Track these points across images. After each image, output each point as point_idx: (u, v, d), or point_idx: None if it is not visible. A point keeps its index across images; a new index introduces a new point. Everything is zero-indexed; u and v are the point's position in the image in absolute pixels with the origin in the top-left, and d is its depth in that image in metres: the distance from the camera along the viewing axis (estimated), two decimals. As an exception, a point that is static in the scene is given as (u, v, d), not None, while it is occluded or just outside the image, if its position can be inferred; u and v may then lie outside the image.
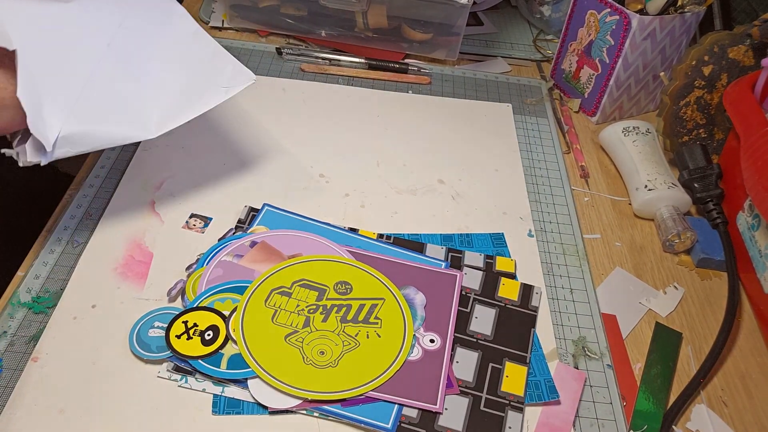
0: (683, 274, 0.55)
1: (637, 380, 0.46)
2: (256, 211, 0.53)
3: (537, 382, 0.44)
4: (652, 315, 0.51)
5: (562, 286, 0.51)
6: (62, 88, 0.46)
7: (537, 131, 0.68)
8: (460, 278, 0.49)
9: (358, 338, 0.44)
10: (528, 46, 0.81)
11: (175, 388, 0.41)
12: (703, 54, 0.61)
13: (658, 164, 0.60)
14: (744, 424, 0.45)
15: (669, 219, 0.56)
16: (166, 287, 0.46)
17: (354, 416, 0.40)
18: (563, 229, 0.57)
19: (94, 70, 0.48)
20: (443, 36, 0.74)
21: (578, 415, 0.43)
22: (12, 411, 0.39)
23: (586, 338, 0.48)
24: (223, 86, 0.52)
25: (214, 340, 0.43)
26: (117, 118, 0.47)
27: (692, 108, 0.62)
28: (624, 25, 0.63)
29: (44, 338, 0.43)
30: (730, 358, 0.49)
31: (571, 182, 0.62)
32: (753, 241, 0.52)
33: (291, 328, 0.44)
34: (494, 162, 0.63)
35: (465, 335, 0.46)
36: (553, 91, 0.74)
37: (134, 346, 0.42)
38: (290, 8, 0.73)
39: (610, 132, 0.64)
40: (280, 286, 0.46)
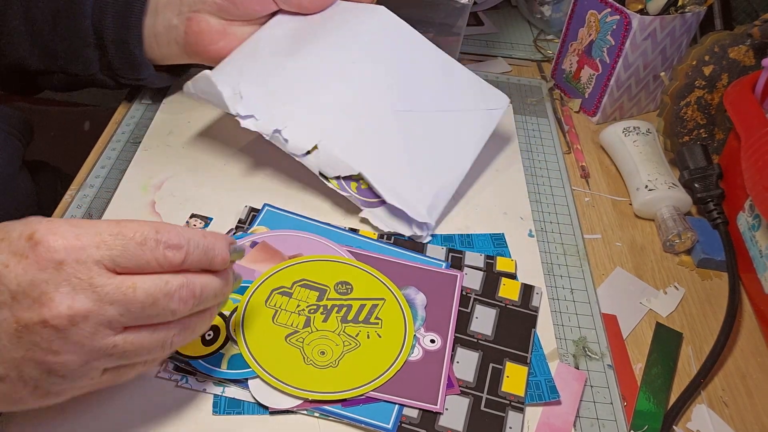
0: (684, 274, 0.55)
1: (638, 380, 0.46)
2: (257, 211, 0.53)
3: (537, 382, 0.44)
4: (653, 315, 0.51)
5: (562, 286, 0.51)
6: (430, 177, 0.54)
7: (537, 131, 0.67)
8: (461, 278, 0.49)
9: (359, 338, 0.44)
10: (528, 46, 0.81)
11: (175, 388, 0.41)
12: (704, 54, 0.61)
13: (658, 164, 0.60)
14: (745, 424, 0.45)
15: (669, 219, 0.56)
16: (166, 287, 0.46)
17: (354, 416, 0.40)
18: (564, 229, 0.57)
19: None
20: (443, 36, 0.74)
21: (579, 415, 0.43)
22: (12, 411, 0.39)
23: (586, 338, 0.48)
24: (488, 109, 0.58)
25: (215, 340, 0.42)
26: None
27: (693, 108, 0.62)
28: (624, 25, 0.63)
29: (44, 338, 0.43)
30: (730, 358, 0.49)
31: (571, 182, 0.62)
32: (753, 241, 0.52)
33: (291, 328, 0.44)
34: (494, 162, 0.62)
35: (465, 335, 0.46)
36: (553, 91, 0.74)
37: (134, 346, 0.42)
38: (290, 8, 0.73)
39: (611, 132, 0.64)
40: (280, 286, 0.46)
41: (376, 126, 0.54)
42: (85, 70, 0.56)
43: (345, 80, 0.55)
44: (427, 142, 0.55)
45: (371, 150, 0.53)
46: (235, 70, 0.53)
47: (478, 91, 0.59)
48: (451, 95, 0.58)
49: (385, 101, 0.54)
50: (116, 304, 0.30)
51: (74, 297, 0.30)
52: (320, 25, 0.57)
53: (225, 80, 0.51)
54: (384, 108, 0.49)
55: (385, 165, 0.53)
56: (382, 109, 0.49)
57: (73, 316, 0.29)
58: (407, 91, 0.56)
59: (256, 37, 0.56)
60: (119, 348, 0.31)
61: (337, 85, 0.54)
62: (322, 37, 0.56)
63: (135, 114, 0.62)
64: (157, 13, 0.54)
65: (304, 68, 0.54)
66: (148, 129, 0.60)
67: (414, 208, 0.52)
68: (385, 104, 0.53)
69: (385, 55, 0.57)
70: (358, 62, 0.55)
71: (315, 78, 0.54)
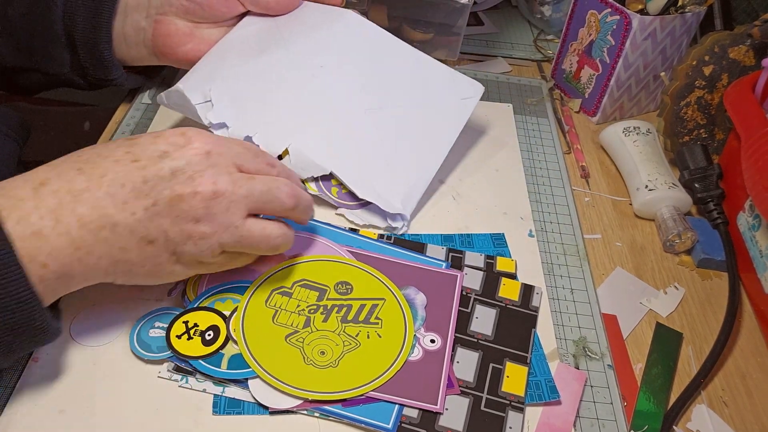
0: (684, 274, 0.55)
1: (638, 380, 0.46)
2: (257, 211, 0.53)
3: (538, 382, 0.44)
4: (653, 315, 0.51)
5: (562, 286, 0.51)
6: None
7: (537, 131, 0.67)
8: (461, 278, 0.49)
9: (359, 338, 0.44)
10: (528, 46, 0.81)
11: (176, 388, 0.41)
12: (704, 54, 0.61)
13: (658, 164, 0.60)
14: (745, 424, 0.45)
15: (669, 219, 0.56)
16: (166, 287, 0.46)
17: (354, 416, 0.40)
18: (564, 229, 0.57)
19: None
20: (444, 36, 0.74)
21: (579, 415, 0.43)
22: (13, 411, 0.39)
23: (586, 338, 0.48)
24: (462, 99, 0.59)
25: (215, 340, 0.43)
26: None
27: (693, 108, 0.62)
28: (624, 25, 0.63)
29: (45, 338, 0.43)
30: (730, 358, 0.49)
31: (571, 182, 0.62)
32: (753, 241, 0.52)
33: (291, 328, 0.44)
34: (494, 162, 0.62)
35: (465, 335, 0.46)
36: (553, 91, 0.74)
37: (135, 346, 0.42)
38: (290, 8, 0.73)
39: (611, 132, 0.64)
40: (280, 286, 0.46)
41: (347, 126, 0.55)
42: (58, 69, 0.57)
43: (315, 83, 0.56)
44: (400, 136, 0.56)
45: (343, 149, 0.54)
46: (205, 78, 0.54)
47: (451, 82, 0.60)
48: (423, 89, 0.59)
49: (356, 101, 0.55)
50: (244, 189, 0.39)
51: (218, 178, 0.38)
52: (288, 29, 0.58)
53: (196, 90, 0.52)
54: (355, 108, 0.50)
55: (357, 162, 0.54)
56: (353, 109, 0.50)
57: (216, 191, 0.38)
58: (378, 89, 0.57)
59: (225, 42, 0.56)
60: (240, 229, 0.39)
61: (307, 88, 0.54)
62: (291, 41, 0.57)
63: (135, 114, 0.62)
64: (126, 14, 0.55)
65: (273, 73, 0.55)
66: (148, 129, 0.60)
67: (387, 201, 0.52)
68: (355, 104, 0.53)
69: (354, 56, 0.58)
70: (327, 65, 0.57)
71: (285, 82, 0.55)
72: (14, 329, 0.34)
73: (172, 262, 0.39)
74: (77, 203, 0.36)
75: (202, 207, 0.38)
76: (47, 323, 0.36)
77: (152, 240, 0.38)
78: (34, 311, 0.34)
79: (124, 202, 0.36)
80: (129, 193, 0.37)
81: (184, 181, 0.38)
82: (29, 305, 0.34)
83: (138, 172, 0.37)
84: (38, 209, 0.35)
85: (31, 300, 0.34)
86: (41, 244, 0.34)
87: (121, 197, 0.36)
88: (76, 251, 0.36)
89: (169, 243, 0.38)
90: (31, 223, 0.34)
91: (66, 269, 0.36)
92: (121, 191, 0.37)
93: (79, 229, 0.35)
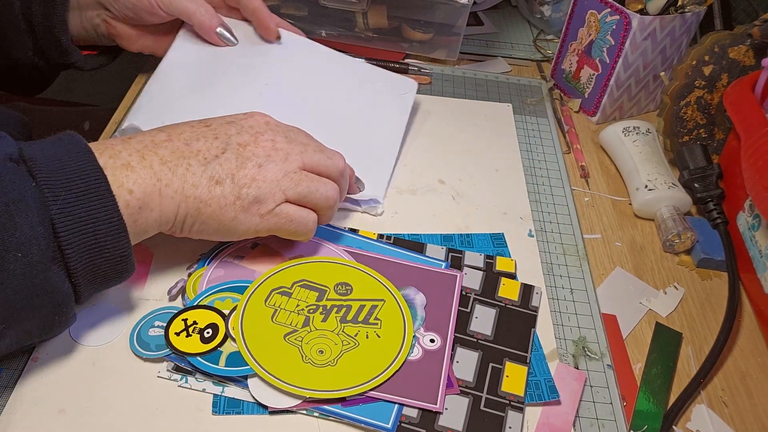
0: (683, 274, 0.55)
1: (638, 380, 0.46)
2: (257, 211, 0.53)
3: (537, 382, 0.44)
4: (653, 315, 0.51)
5: (562, 286, 0.51)
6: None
7: (537, 131, 0.67)
8: (461, 278, 0.49)
9: (358, 338, 0.44)
10: (528, 46, 0.81)
11: (176, 388, 0.41)
12: (704, 54, 0.61)
13: (658, 164, 0.60)
14: (744, 424, 0.45)
15: (669, 219, 0.56)
16: (166, 287, 0.46)
17: (354, 416, 0.40)
18: (563, 229, 0.57)
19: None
20: (443, 36, 0.74)
21: (578, 415, 0.43)
22: (12, 411, 0.39)
23: (586, 338, 0.48)
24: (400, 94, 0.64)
25: (213, 337, 0.43)
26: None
27: (692, 108, 0.62)
28: (624, 25, 0.63)
29: (44, 338, 0.43)
30: (730, 358, 0.49)
31: (571, 182, 0.62)
32: (753, 241, 0.52)
33: (290, 327, 0.44)
34: (494, 162, 0.63)
35: (465, 335, 0.46)
36: (553, 91, 0.74)
37: (134, 345, 0.42)
38: (290, 8, 0.73)
39: (611, 132, 0.64)
40: (280, 286, 0.46)
41: None
42: (22, 53, 0.59)
43: (262, 101, 0.58)
44: (353, 136, 0.59)
45: None
46: (156, 108, 0.55)
47: (387, 82, 0.65)
48: (362, 92, 0.63)
49: (304, 115, 0.58)
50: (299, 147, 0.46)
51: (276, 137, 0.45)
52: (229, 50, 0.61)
53: (148, 122, 0.53)
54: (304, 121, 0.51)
55: None
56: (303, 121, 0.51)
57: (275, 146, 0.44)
58: (322, 100, 0.61)
59: (168, 63, 0.59)
60: (299, 174, 0.45)
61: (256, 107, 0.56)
62: (233, 62, 0.60)
63: (135, 114, 0.62)
64: (80, 9, 0.59)
65: (222, 95, 0.57)
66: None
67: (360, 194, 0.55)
68: (304, 117, 0.55)
69: (296, 72, 0.62)
70: (272, 83, 0.60)
71: (234, 103, 0.56)
72: (104, 252, 0.38)
73: (238, 208, 0.43)
74: (158, 148, 0.42)
75: (264, 155, 0.44)
76: (130, 254, 0.39)
77: (220, 180, 0.42)
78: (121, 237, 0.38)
79: (198, 150, 0.43)
80: (202, 144, 0.43)
81: (248, 138, 0.44)
82: (118, 229, 0.38)
83: (210, 132, 0.44)
84: (127, 149, 0.41)
85: (119, 225, 0.38)
86: (129, 173, 0.39)
87: (195, 147, 0.43)
88: (158, 182, 0.40)
89: (234, 185, 0.43)
90: (121, 157, 0.40)
91: (147, 199, 0.40)
92: (195, 143, 0.43)
93: (161, 165, 0.41)
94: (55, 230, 0.36)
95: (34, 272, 0.35)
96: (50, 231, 0.35)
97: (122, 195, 0.39)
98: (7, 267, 0.34)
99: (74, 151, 0.38)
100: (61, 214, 0.36)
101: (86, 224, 0.36)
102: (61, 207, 0.36)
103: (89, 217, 0.36)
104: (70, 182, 0.36)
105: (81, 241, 0.36)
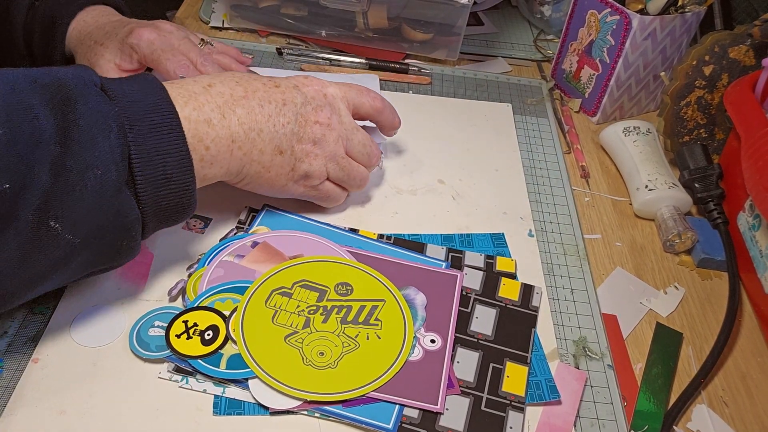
0: (684, 274, 0.55)
1: (638, 380, 0.46)
2: (256, 211, 0.53)
3: (538, 382, 0.44)
4: (653, 315, 0.51)
5: (562, 286, 0.51)
6: None
7: (537, 131, 0.67)
8: (461, 278, 0.49)
9: (358, 339, 0.44)
10: (528, 46, 0.81)
11: (176, 388, 0.41)
12: (704, 54, 0.61)
13: (658, 164, 0.60)
14: (745, 424, 0.45)
15: (669, 219, 0.56)
16: (166, 287, 0.46)
17: (355, 417, 0.40)
18: (564, 229, 0.57)
19: None
20: (443, 36, 0.74)
21: (579, 415, 0.43)
22: (13, 412, 0.39)
23: (586, 338, 0.48)
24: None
25: (214, 339, 0.42)
26: None
27: (693, 108, 0.62)
28: (624, 25, 0.63)
29: (45, 339, 0.43)
30: (730, 358, 0.49)
31: (571, 182, 0.62)
32: (753, 241, 0.52)
33: (291, 329, 0.44)
34: (494, 162, 0.63)
35: (466, 335, 0.46)
36: (553, 91, 0.74)
37: (134, 345, 0.42)
38: (290, 8, 0.73)
39: (611, 132, 0.64)
40: (280, 286, 0.46)
41: None
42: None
43: None
44: None
45: None
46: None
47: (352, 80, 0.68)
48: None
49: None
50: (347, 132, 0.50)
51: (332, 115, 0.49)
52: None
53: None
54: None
55: None
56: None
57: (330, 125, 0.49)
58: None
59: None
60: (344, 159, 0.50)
61: None
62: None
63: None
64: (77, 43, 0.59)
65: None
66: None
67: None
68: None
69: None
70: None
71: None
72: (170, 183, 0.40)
73: (290, 177, 0.48)
74: (237, 106, 0.44)
75: (320, 133, 0.48)
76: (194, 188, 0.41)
77: (282, 151, 0.47)
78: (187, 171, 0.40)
79: (269, 115, 0.46)
80: (273, 109, 0.46)
81: (310, 111, 0.48)
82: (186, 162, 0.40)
83: (279, 95, 0.47)
84: (209, 103, 0.43)
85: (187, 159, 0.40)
86: (209, 129, 0.42)
87: (267, 111, 0.46)
88: (232, 143, 0.44)
89: (292, 157, 0.47)
90: (204, 111, 0.42)
91: (220, 157, 0.43)
92: (268, 106, 0.46)
93: (238, 126, 0.44)
94: (130, 156, 0.38)
95: (109, 192, 0.36)
96: (126, 156, 0.37)
97: (199, 149, 0.42)
98: (86, 183, 0.35)
99: (150, 87, 0.40)
100: (136, 143, 0.38)
101: (158, 155, 0.39)
102: (136, 136, 0.38)
103: (160, 148, 0.39)
104: (146, 115, 0.39)
105: (151, 170, 0.39)
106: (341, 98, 0.50)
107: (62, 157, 0.35)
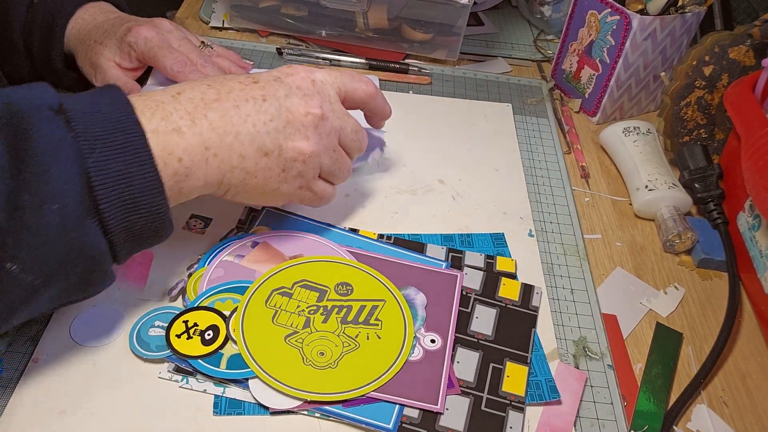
0: (684, 274, 0.55)
1: (638, 380, 0.46)
2: (257, 211, 0.53)
3: (538, 382, 0.44)
4: (653, 315, 0.51)
5: (562, 286, 0.51)
6: None
7: (537, 131, 0.67)
8: (461, 278, 0.49)
9: (358, 339, 0.44)
10: (528, 47, 0.81)
11: (176, 388, 0.41)
12: (704, 54, 0.61)
13: (658, 164, 0.60)
14: (744, 424, 0.45)
15: (669, 219, 0.56)
16: (166, 287, 0.46)
17: (355, 416, 0.40)
18: (564, 229, 0.57)
19: None
20: (443, 36, 0.74)
21: (579, 415, 0.43)
22: (13, 412, 0.39)
23: (586, 338, 0.48)
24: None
25: (214, 339, 0.42)
26: None
27: (693, 108, 0.62)
28: (624, 25, 0.63)
29: (44, 339, 0.43)
30: (730, 359, 0.49)
31: (571, 182, 0.62)
32: (753, 241, 0.52)
33: (291, 329, 0.44)
34: (494, 162, 0.63)
35: (466, 335, 0.46)
36: (553, 91, 0.74)
37: (134, 345, 0.42)
38: (290, 8, 0.73)
39: (611, 132, 0.64)
40: (280, 286, 0.46)
41: None
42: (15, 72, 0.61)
43: None
44: None
45: None
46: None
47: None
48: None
49: None
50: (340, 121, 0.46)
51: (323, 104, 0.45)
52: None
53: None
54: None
55: None
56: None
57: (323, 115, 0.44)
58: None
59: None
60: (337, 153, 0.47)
61: None
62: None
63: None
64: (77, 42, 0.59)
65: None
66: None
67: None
68: None
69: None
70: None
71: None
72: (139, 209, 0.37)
73: (281, 179, 0.44)
74: (208, 110, 0.41)
75: (312, 126, 0.44)
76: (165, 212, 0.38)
77: (268, 152, 0.42)
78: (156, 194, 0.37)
79: (247, 115, 0.42)
80: (252, 108, 0.42)
81: (297, 102, 0.43)
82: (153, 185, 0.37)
83: (258, 91, 0.43)
84: (178, 111, 0.40)
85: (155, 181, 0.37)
86: (179, 139, 0.39)
87: (244, 111, 0.42)
88: (206, 151, 0.40)
89: (281, 158, 0.43)
90: (172, 120, 0.39)
91: (194, 168, 0.40)
92: (245, 105, 0.42)
93: (210, 131, 0.40)
94: (90, 183, 0.35)
95: (70, 226, 0.34)
96: (86, 184, 0.34)
97: (171, 163, 0.38)
98: (43, 218, 0.33)
99: (113, 102, 0.37)
100: (97, 168, 0.35)
101: (122, 178, 0.36)
102: (96, 160, 0.35)
103: (125, 171, 0.36)
104: (107, 135, 0.36)
105: (116, 195, 0.36)
106: (331, 84, 0.46)
107: (16, 192, 0.32)
